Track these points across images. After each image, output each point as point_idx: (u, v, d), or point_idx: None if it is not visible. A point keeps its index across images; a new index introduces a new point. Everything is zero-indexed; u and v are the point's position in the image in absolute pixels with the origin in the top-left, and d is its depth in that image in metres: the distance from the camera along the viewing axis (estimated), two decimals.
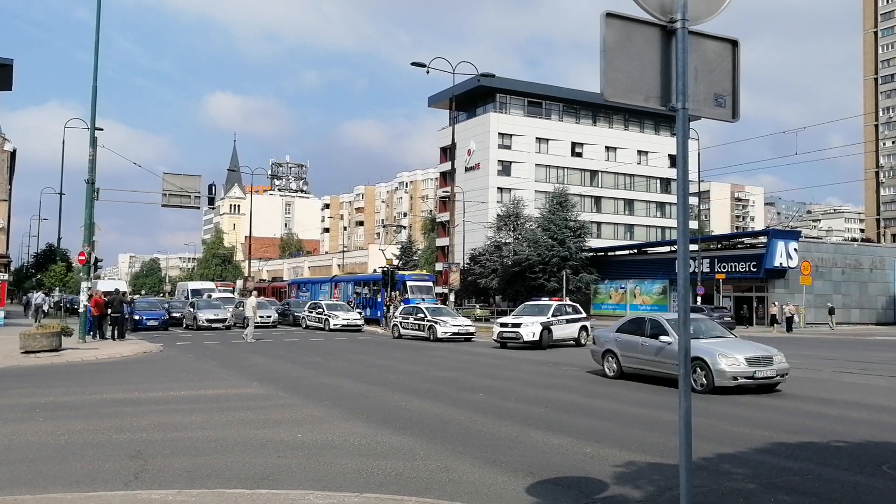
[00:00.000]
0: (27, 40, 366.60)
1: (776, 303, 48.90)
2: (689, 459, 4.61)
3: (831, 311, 49.45)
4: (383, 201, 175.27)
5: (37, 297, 49.37)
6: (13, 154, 49.79)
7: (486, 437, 10.30)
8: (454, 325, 33.42)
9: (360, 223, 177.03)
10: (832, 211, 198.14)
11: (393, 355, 25.21)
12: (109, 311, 29.91)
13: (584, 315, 32.53)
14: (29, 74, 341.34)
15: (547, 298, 36.63)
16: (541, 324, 28.67)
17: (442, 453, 9.16)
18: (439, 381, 17.33)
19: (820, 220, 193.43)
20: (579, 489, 7.59)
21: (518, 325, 28.76)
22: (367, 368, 20.30)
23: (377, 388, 15.83)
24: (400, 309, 37.52)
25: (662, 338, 16.14)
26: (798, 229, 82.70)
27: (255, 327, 41.09)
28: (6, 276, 46.62)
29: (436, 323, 33.20)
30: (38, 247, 73.98)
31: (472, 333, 34.10)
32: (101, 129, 30.85)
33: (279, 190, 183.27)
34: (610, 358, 17.93)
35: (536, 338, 28.33)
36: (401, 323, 35.58)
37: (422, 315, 34.37)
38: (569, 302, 35.33)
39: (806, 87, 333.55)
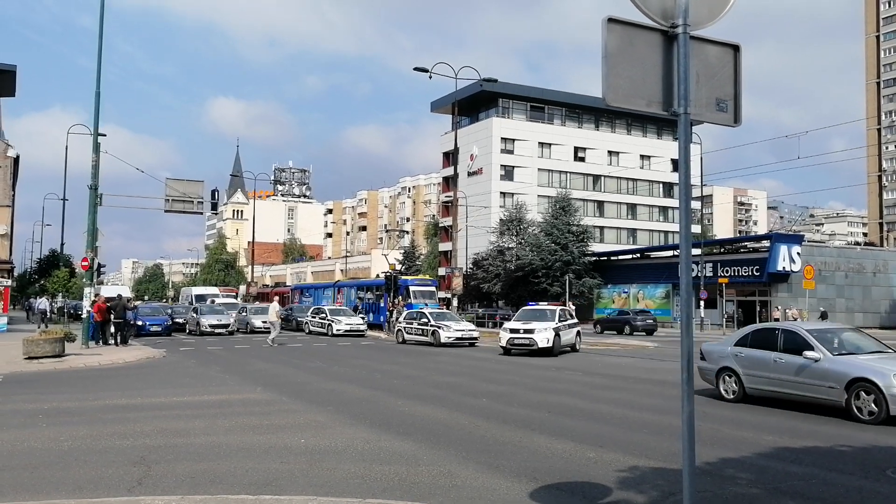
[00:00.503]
0: (29, 46, 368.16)
1: (779, 307, 48.81)
2: (693, 464, 4.60)
3: (823, 316, 49.13)
4: (386, 206, 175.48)
5: (40, 302, 49.58)
6: (16, 160, 49.87)
7: (489, 441, 10.29)
8: (457, 330, 33.12)
9: (363, 228, 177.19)
10: (835, 215, 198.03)
11: (396, 360, 25.18)
12: (112, 316, 29.91)
13: (577, 320, 32.36)
14: (31, 80, 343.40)
15: (546, 303, 36.23)
16: (553, 329, 27.59)
17: (445, 458, 9.15)
18: (442, 386, 17.32)
19: (823, 223, 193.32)
20: (582, 494, 7.58)
21: (532, 331, 27.31)
22: (369, 373, 20.29)
23: (380, 393, 15.82)
24: (404, 314, 37.37)
25: (807, 353, 13.17)
26: (801, 233, 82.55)
27: (259, 333, 41.31)
28: (9, 282, 46.70)
29: (439, 328, 32.89)
30: (41, 252, 74.10)
31: (475, 338, 33.82)
32: (104, 135, 30.99)
33: (282, 195, 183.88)
34: (728, 377, 14.85)
35: (550, 344, 27.07)
36: (405, 328, 35.32)
37: (425, 320, 34.04)
38: (567, 307, 35.24)
39: (807, 91, 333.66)
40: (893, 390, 11.87)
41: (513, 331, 28.06)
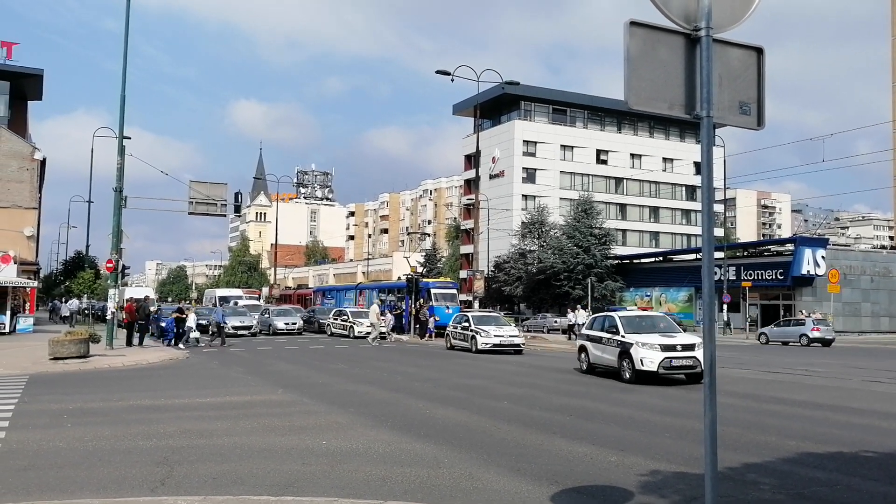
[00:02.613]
0: (55, 50, 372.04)
1: (803, 311, 48.37)
2: (715, 469, 4.57)
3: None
4: (408, 209, 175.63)
5: (71, 303, 50.47)
6: (43, 163, 50.42)
7: (511, 444, 10.28)
8: (497, 336, 30.31)
9: (385, 231, 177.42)
10: (860, 218, 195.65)
11: (417, 363, 25.22)
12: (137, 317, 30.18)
13: None
14: (57, 84, 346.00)
15: (638, 308, 33.61)
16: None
17: (466, 461, 9.15)
18: (463, 388, 17.31)
19: (848, 227, 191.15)
20: (603, 497, 7.56)
21: (692, 347, 19.20)
22: (391, 375, 20.33)
23: (401, 395, 15.85)
24: (453, 319, 35.33)
25: None
26: (825, 237, 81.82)
27: (282, 334, 41.54)
28: (35, 283, 47.20)
29: (477, 333, 30.54)
30: (66, 254, 74.93)
31: (518, 345, 30.79)
32: (129, 138, 31.24)
33: (304, 198, 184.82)
34: None
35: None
36: (451, 333, 33.20)
37: (466, 324, 31.87)
38: (588, 311, 34.73)
39: (833, 93, 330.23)
40: None
41: (666, 347, 19.12)
